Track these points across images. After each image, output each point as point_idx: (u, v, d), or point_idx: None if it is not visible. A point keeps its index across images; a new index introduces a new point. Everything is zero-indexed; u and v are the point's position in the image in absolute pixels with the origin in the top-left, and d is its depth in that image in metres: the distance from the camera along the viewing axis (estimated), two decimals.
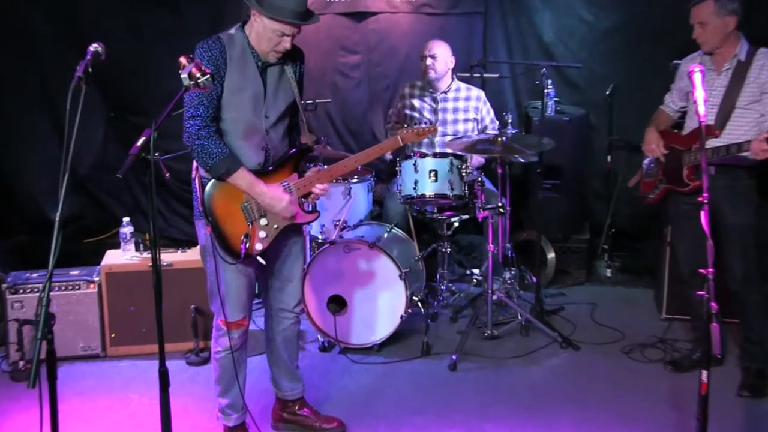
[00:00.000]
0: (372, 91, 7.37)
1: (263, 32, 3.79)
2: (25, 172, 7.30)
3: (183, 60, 3.20)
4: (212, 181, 3.89)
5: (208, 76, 3.13)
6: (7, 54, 7.07)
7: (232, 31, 3.91)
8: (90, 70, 3.08)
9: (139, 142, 2.98)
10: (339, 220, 5.78)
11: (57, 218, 2.90)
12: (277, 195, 3.94)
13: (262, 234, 3.99)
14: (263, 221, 3.99)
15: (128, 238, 5.57)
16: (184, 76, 3.13)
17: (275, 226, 4.02)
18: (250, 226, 3.97)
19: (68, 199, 7.30)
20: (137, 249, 5.58)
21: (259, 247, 3.99)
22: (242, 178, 3.87)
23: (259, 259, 4.01)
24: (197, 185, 3.96)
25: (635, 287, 6.65)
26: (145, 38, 7.15)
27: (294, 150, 4.12)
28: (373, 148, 4.33)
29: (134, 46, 7.06)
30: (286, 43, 3.82)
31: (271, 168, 4.00)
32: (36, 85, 7.21)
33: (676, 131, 5.01)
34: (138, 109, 7.28)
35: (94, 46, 3.20)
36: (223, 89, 3.81)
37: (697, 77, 3.71)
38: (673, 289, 5.80)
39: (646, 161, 5.17)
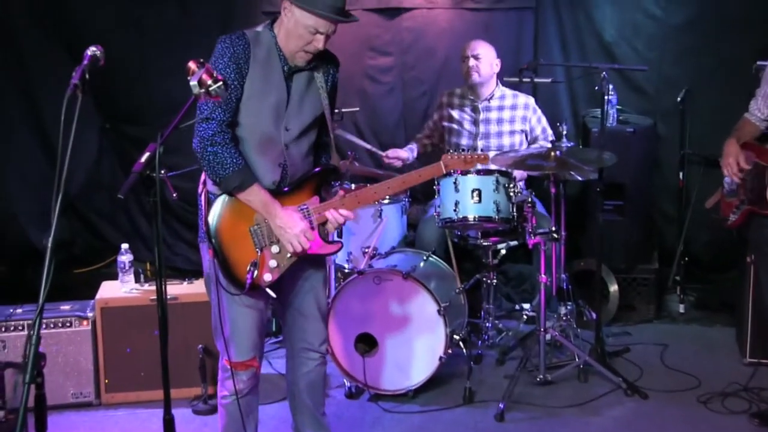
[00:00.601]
0: (406, 99, 7.43)
1: (294, 28, 3.80)
2: (6, 191, 7.38)
3: (192, 65, 3.23)
4: (220, 198, 3.89)
5: (220, 83, 3.16)
6: None
7: (259, 28, 3.94)
8: (87, 77, 3.09)
9: (143, 158, 3.00)
10: (368, 247, 5.83)
11: (49, 243, 2.92)
12: (290, 219, 3.91)
13: (272, 263, 3.95)
14: (275, 248, 3.95)
15: (127, 267, 5.60)
16: (193, 83, 3.15)
17: (288, 256, 3.98)
18: (259, 253, 3.93)
19: (57, 222, 7.50)
20: (137, 280, 5.62)
21: (268, 277, 3.95)
22: (256, 194, 3.86)
23: (269, 291, 3.98)
24: (203, 202, 3.95)
25: (713, 326, 6.62)
26: (146, 38, 7.27)
27: (317, 169, 4.12)
28: (411, 174, 4.22)
29: (134, 47, 7.19)
30: (319, 43, 3.82)
31: (286, 189, 4.00)
32: (20, 93, 7.32)
33: (761, 144, 4.99)
34: (136, 119, 7.40)
35: (91, 50, 3.23)
36: (243, 92, 3.83)
37: None
38: (758, 328, 5.75)
39: (726, 178, 5.16)
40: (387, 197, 5.94)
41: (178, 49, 7.05)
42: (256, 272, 3.90)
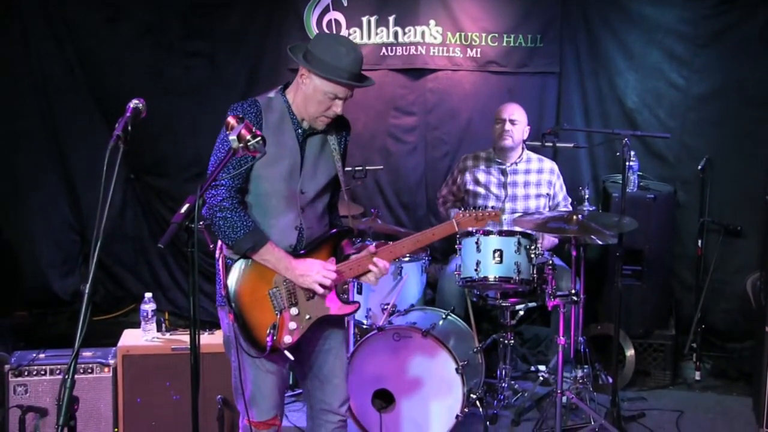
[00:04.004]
0: (429, 158, 7.52)
1: (313, 94, 3.85)
2: (30, 238, 7.50)
3: (232, 120, 3.32)
4: (238, 262, 3.92)
5: (259, 138, 3.24)
6: (19, 104, 7.37)
7: (272, 94, 3.99)
8: (129, 128, 3.17)
9: (183, 210, 3.09)
10: (387, 304, 5.89)
11: (87, 290, 2.99)
12: (306, 265, 3.94)
13: (291, 325, 3.97)
14: (294, 311, 3.98)
15: (149, 316, 5.60)
16: (232, 137, 3.23)
17: (307, 317, 4.00)
18: (278, 316, 3.94)
19: (78, 270, 7.61)
20: (158, 329, 5.66)
21: (288, 339, 3.96)
22: (270, 252, 3.88)
23: (287, 353, 3.99)
24: (221, 266, 3.97)
25: (729, 394, 6.61)
26: (174, 91, 7.42)
27: (334, 231, 4.14)
28: (424, 233, 4.26)
29: (161, 99, 7.31)
30: (338, 107, 3.89)
31: (303, 252, 4.01)
32: (48, 144, 7.48)
33: None
34: (161, 170, 7.52)
35: (134, 102, 3.31)
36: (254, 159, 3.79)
37: None
38: None
39: None
40: (407, 255, 5.99)
41: (206, 103, 7.20)
42: (276, 335, 3.93)
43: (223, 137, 3.83)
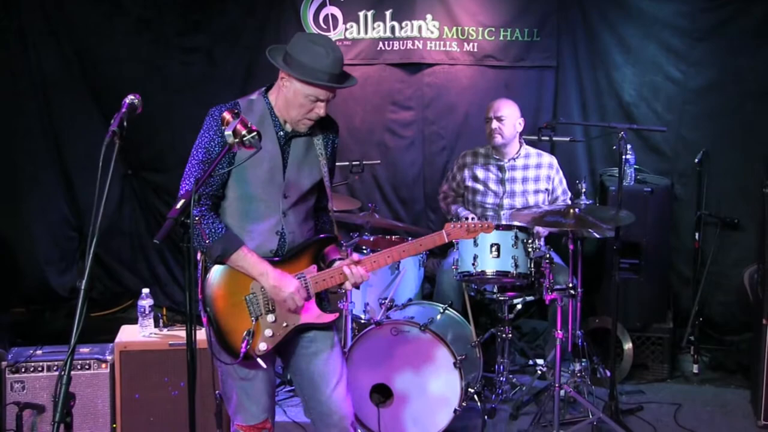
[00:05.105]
0: (426, 153, 7.53)
1: (293, 98, 3.77)
2: (27, 235, 7.52)
3: (227, 115, 3.30)
4: (216, 267, 3.86)
5: (255, 133, 3.23)
6: (17, 100, 7.37)
7: (254, 96, 3.92)
8: (125, 124, 3.17)
9: (179, 205, 3.08)
10: (385, 299, 5.87)
11: (83, 286, 3.00)
12: (282, 279, 3.84)
13: (267, 332, 3.90)
14: (270, 317, 3.90)
15: (147, 312, 5.58)
16: (228, 133, 3.22)
17: (284, 324, 3.93)
18: (254, 322, 3.88)
19: (75, 267, 7.62)
20: (156, 325, 5.65)
21: (263, 347, 3.89)
22: (243, 258, 3.81)
23: (259, 361, 3.90)
24: (201, 270, 3.91)
25: (727, 387, 6.60)
26: (171, 88, 7.43)
27: (317, 237, 4.06)
28: (411, 243, 4.16)
29: (159, 96, 7.31)
30: (320, 110, 3.80)
31: (282, 258, 3.94)
32: (47, 140, 7.50)
33: None
34: (159, 166, 7.53)
35: (130, 98, 3.31)
36: (232, 164, 3.75)
37: None
38: None
39: None
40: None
41: (203, 98, 7.15)
42: (251, 341, 3.86)
43: (201, 141, 3.79)
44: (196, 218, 3.59)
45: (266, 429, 4.10)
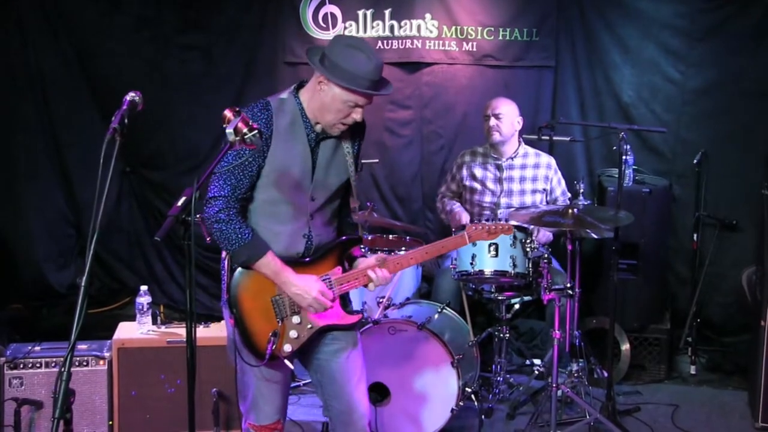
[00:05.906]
0: (424, 152, 7.53)
1: (331, 103, 3.70)
2: (25, 231, 7.50)
3: (228, 113, 3.27)
4: (241, 268, 3.85)
5: (255, 131, 3.21)
6: (15, 97, 7.36)
7: (284, 95, 3.83)
8: (126, 121, 3.17)
9: (180, 203, 3.07)
10: (383, 298, 5.87)
11: (83, 282, 3.02)
12: (305, 284, 3.83)
13: (293, 334, 3.90)
14: (295, 319, 3.89)
15: (145, 309, 5.60)
16: (229, 130, 3.20)
17: (309, 326, 3.91)
18: (280, 324, 3.87)
19: (73, 263, 7.61)
20: (154, 322, 5.66)
21: (288, 348, 3.89)
22: (266, 265, 3.78)
23: (287, 362, 3.94)
24: (226, 268, 3.87)
25: (724, 388, 6.62)
26: (170, 85, 7.41)
27: (342, 239, 4.04)
28: (434, 245, 4.18)
29: (158, 93, 7.28)
30: (357, 115, 3.75)
31: (308, 259, 3.93)
32: (45, 137, 7.48)
33: None
34: (157, 163, 7.52)
35: (131, 95, 3.32)
36: (263, 166, 3.74)
37: None
38: None
39: None
40: (403, 248, 5.99)
41: (202, 96, 7.20)
42: (276, 343, 3.85)
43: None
44: (224, 220, 3.67)
45: (278, 430, 4.10)
